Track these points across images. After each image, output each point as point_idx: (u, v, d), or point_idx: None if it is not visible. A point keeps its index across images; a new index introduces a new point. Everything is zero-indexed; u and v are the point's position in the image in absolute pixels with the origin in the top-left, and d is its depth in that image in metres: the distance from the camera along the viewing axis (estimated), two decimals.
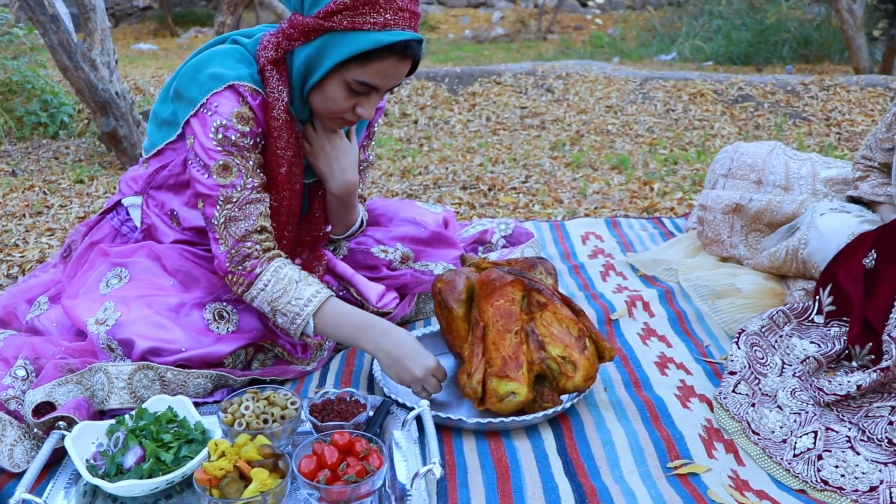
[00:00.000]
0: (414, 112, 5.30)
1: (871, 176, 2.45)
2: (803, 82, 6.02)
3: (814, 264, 2.29)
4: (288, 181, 1.86)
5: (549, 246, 2.90)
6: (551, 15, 14.88)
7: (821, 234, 2.29)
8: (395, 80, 1.76)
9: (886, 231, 2.07)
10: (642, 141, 4.76)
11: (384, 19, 1.65)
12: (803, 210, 2.51)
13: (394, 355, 1.75)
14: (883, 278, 1.97)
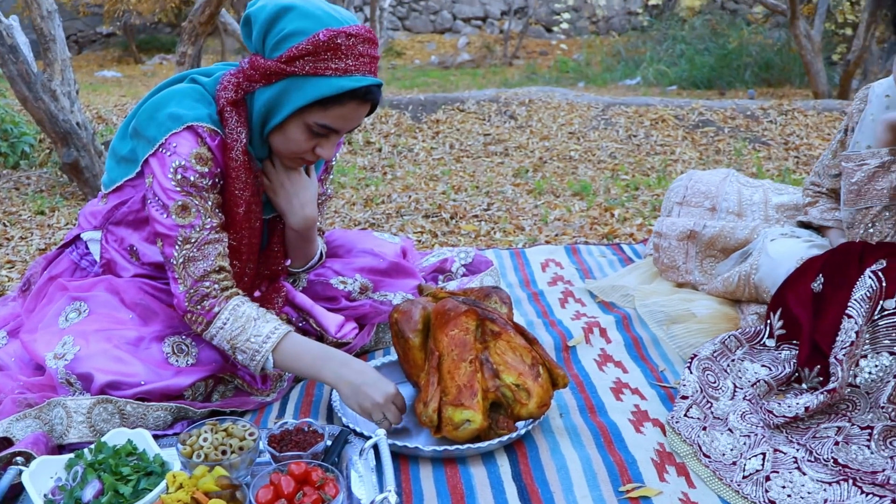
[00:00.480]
0: (378, 140, 5.34)
1: (820, 201, 2.52)
2: (762, 107, 6.14)
3: (765, 289, 2.35)
4: (247, 220, 1.89)
5: (509, 274, 2.94)
6: (517, 40, 15.02)
7: (771, 259, 2.35)
8: (355, 123, 1.81)
9: (833, 256, 2.12)
10: (604, 167, 4.82)
11: (345, 65, 1.70)
12: (755, 236, 2.58)
13: (355, 384, 1.77)
14: (830, 302, 2.02)
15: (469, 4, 16.37)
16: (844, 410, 1.88)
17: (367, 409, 1.78)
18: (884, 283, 1.92)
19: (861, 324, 1.88)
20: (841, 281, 2.03)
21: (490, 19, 16.35)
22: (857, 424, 1.83)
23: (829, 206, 2.49)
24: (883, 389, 1.83)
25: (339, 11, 1.76)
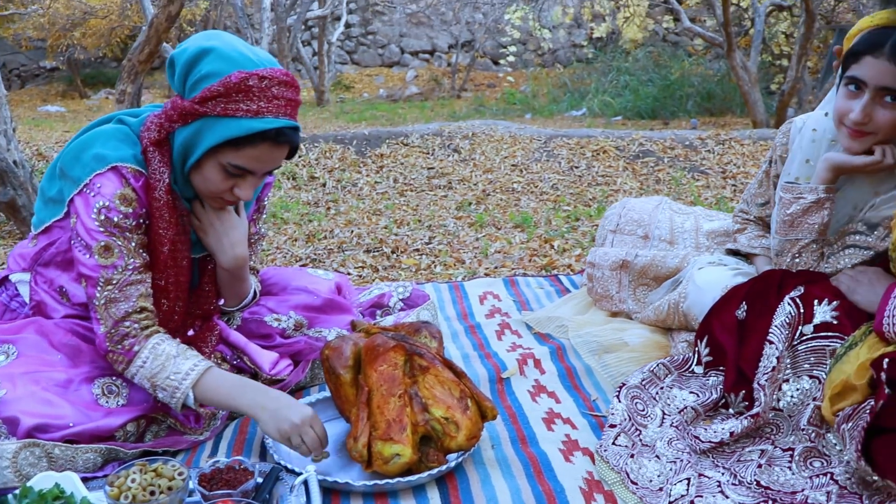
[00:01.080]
0: (322, 175, 5.36)
1: (749, 228, 2.59)
2: (700, 137, 6.28)
3: (693, 317, 2.41)
4: (172, 259, 1.91)
5: (447, 307, 2.96)
6: (464, 73, 15.18)
7: (698, 287, 2.41)
8: (271, 165, 1.84)
9: (755, 284, 2.19)
10: (546, 198, 4.89)
11: (257, 107, 1.73)
12: (686, 264, 2.64)
13: (271, 408, 1.78)
14: (753, 328, 2.08)
15: (417, 38, 16.52)
16: (768, 434, 1.93)
17: (286, 431, 1.76)
18: (801, 310, 1.99)
19: (781, 349, 1.94)
20: (762, 308, 2.09)
21: (438, 52, 16.50)
22: (780, 447, 1.88)
23: (756, 234, 2.56)
24: (803, 412, 1.89)
25: (257, 54, 1.79)
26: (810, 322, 1.96)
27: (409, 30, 16.49)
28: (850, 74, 1.97)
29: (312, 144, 5.87)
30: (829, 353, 1.90)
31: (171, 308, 1.96)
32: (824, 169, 2.10)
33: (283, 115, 1.77)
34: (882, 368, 1.67)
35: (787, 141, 2.38)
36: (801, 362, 1.94)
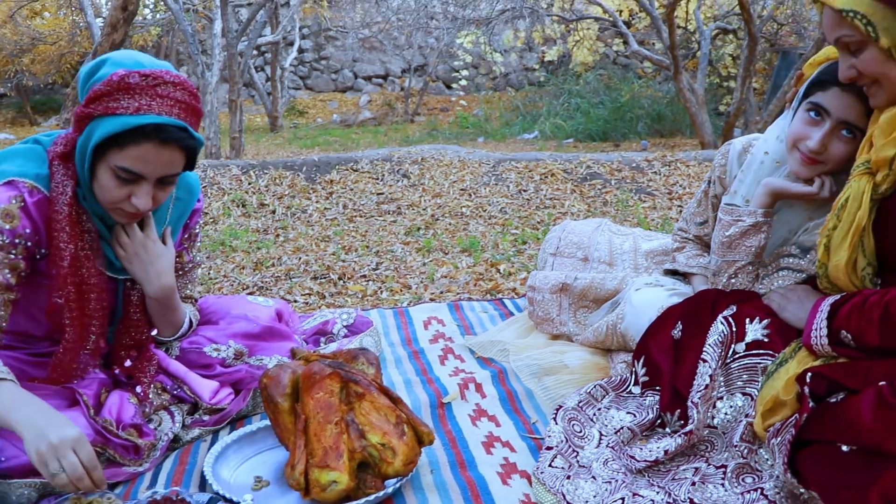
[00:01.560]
0: (272, 202, 5.36)
1: (687, 247, 2.64)
2: (647, 159, 6.38)
3: (631, 337, 2.45)
4: (75, 275, 1.88)
5: (392, 332, 2.98)
6: (417, 97, 15.27)
7: (634, 308, 2.45)
8: (163, 169, 1.82)
9: (690, 303, 2.23)
10: (495, 222, 4.94)
11: (138, 104, 1.73)
12: (625, 285, 2.68)
13: (38, 425, 1.61)
14: (688, 348, 2.12)
15: (370, 63, 16.59)
16: (703, 451, 1.97)
17: (42, 453, 1.58)
18: (734, 328, 2.03)
19: (714, 367, 1.98)
20: (697, 327, 2.13)
21: (391, 77, 16.59)
22: (713, 464, 1.92)
23: (695, 253, 2.61)
24: (736, 428, 1.93)
25: (152, 62, 1.80)
26: (742, 340, 2.00)
27: (362, 55, 16.56)
28: (814, 101, 1.98)
29: (262, 171, 5.88)
30: (761, 370, 1.94)
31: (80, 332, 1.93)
32: (763, 194, 2.14)
33: (168, 113, 1.76)
34: (805, 382, 1.72)
35: (725, 162, 2.43)
36: (734, 380, 1.98)
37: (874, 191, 1.74)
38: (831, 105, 1.94)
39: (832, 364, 1.77)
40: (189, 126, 1.82)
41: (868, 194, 1.75)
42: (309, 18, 15.91)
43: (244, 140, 10.23)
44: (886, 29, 1.64)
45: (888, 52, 1.67)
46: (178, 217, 2.17)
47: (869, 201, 1.75)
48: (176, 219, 2.16)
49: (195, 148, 1.86)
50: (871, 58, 1.71)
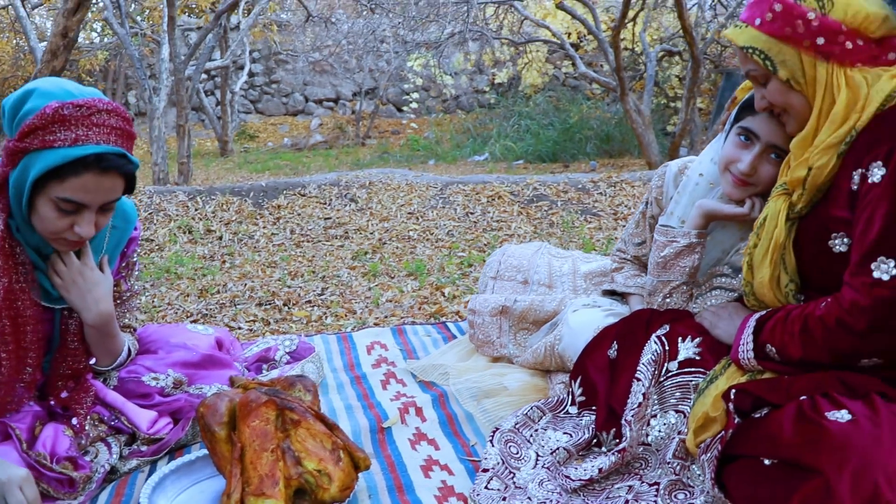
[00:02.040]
0: (218, 228, 5.35)
1: (626, 268, 2.69)
2: (593, 180, 6.47)
3: (568, 358, 2.49)
4: (9, 309, 1.88)
5: (335, 358, 3.00)
6: (368, 121, 15.32)
7: (571, 329, 2.50)
8: (102, 196, 1.83)
9: (625, 323, 2.29)
10: (442, 245, 4.98)
11: (75, 135, 1.74)
12: (563, 307, 2.73)
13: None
14: (623, 367, 2.17)
15: (321, 86, 16.61)
16: (637, 469, 2.02)
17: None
18: (667, 347, 2.08)
19: (647, 386, 2.03)
20: (631, 347, 2.18)
21: (342, 100, 16.62)
22: (647, 481, 1.96)
23: (633, 273, 2.66)
24: (669, 445, 1.98)
25: (81, 90, 1.81)
26: (675, 359, 2.05)
27: (312, 78, 16.58)
28: (744, 125, 2.06)
29: (209, 197, 5.86)
30: (693, 387, 1.99)
31: (17, 362, 1.93)
32: (697, 215, 2.21)
33: (105, 142, 1.77)
34: (730, 399, 1.78)
35: (661, 184, 2.50)
36: (667, 398, 2.03)
37: (791, 210, 1.82)
38: (760, 129, 2.02)
39: (756, 380, 1.83)
40: (126, 151, 1.84)
41: (784, 213, 1.83)
42: (259, 42, 15.90)
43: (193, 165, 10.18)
44: (783, 62, 1.77)
45: (788, 84, 1.78)
46: (115, 245, 2.17)
47: (786, 220, 1.83)
48: (113, 247, 2.16)
49: (134, 173, 1.88)
50: (775, 89, 1.83)
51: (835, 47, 1.72)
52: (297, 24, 14.72)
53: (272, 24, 14.86)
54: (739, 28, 1.85)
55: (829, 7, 1.72)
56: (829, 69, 1.73)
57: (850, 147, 1.73)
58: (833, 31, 1.72)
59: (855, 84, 1.72)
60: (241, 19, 13.00)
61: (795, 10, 1.74)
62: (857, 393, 1.69)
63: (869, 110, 1.70)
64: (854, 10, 1.72)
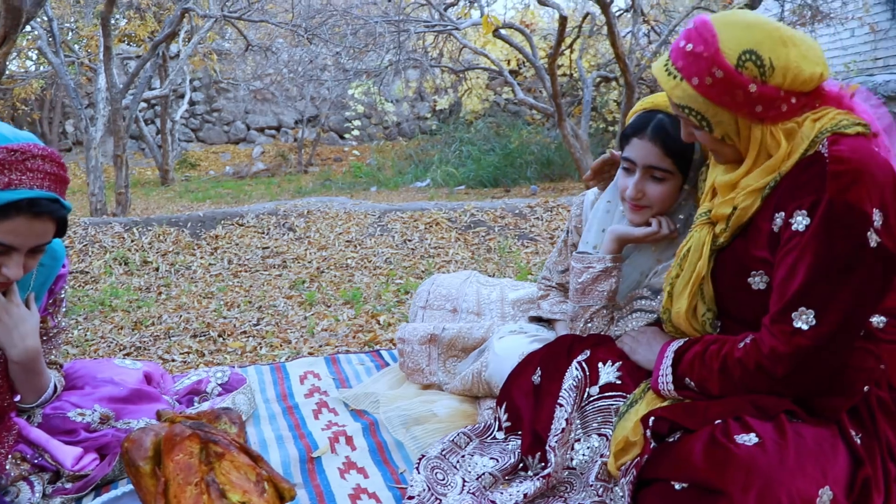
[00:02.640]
0: (155, 259, 5.32)
1: (551, 294, 2.76)
2: (529, 205, 6.56)
3: (495, 384, 2.54)
4: None
5: (268, 389, 3.01)
6: (310, 148, 15.32)
7: (497, 356, 2.56)
8: (33, 239, 1.83)
9: (549, 349, 2.34)
10: (380, 272, 5.01)
11: (8, 179, 1.75)
12: (491, 333, 2.79)
13: None
14: (547, 392, 2.22)
15: (262, 114, 16.58)
16: (562, 492, 2.06)
17: None
18: (588, 372, 2.14)
19: (570, 411, 2.09)
20: (554, 372, 2.24)
21: (284, 128, 16.61)
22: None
23: (558, 300, 2.73)
24: (592, 468, 2.03)
25: (15, 133, 1.82)
26: (596, 383, 2.11)
27: (254, 106, 16.54)
28: (623, 155, 2.18)
29: (146, 228, 5.83)
30: (615, 411, 2.05)
31: None
32: (610, 240, 2.29)
33: (39, 187, 1.78)
34: (648, 425, 1.84)
35: (580, 212, 2.58)
36: (590, 422, 2.08)
37: (713, 242, 1.89)
38: (634, 155, 2.13)
39: (674, 406, 1.89)
40: (59, 196, 1.85)
41: (708, 245, 1.89)
42: (199, 71, 15.84)
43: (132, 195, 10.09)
44: (719, 123, 1.80)
45: (721, 140, 1.83)
46: (43, 282, 2.17)
47: (709, 252, 1.89)
48: (40, 284, 2.16)
49: (66, 217, 1.89)
50: (707, 139, 1.88)
51: (771, 112, 1.74)
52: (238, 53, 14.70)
53: (212, 53, 14.81)
54: (675, 78, 1.81)
55: (770, 74, 1.72)
56: (763, 129, 1.76)
57: (773, 189, 1.77)
58: (771, 98, 1.73)
59: (789, 134, 1.76)
60: (181, 48, 12.95)
61: (736, 80, 1.72)
62: (768, 415, 1.75)
63: (795, 156, 1.73)
64: (793, 74, 1.72)
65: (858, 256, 1.64)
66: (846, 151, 1.66)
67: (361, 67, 11.08)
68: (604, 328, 2.33)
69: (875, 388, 1.76)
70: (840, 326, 1.66)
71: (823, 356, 1.69)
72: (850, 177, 1.63)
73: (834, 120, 1.73)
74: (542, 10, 13.81)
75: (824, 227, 1.65)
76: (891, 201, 1.65)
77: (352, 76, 11.13)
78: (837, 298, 1.65)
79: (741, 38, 1.73)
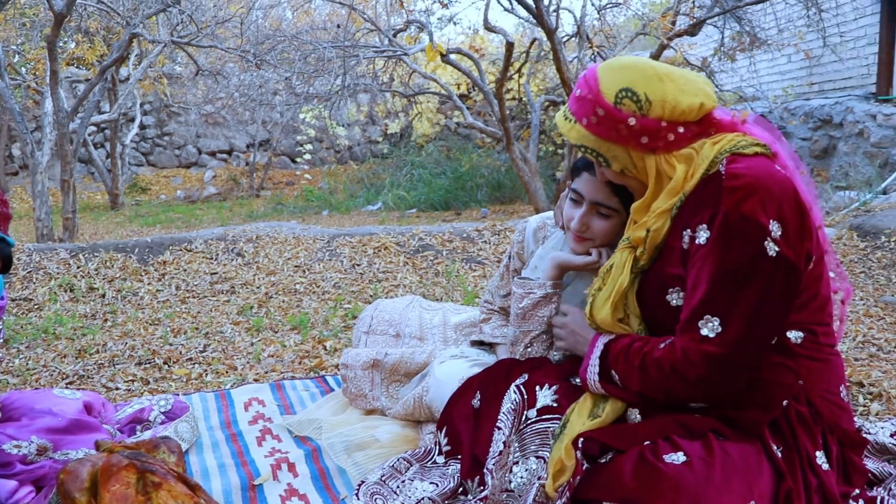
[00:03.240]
0: (101, 286, 5.27)
1: (493, 318, 2.81)
2: (477, 229, 6.61)
3: (436, 408, 2.58)
4: None
5: (212, 416, 3.01)
6: (262, 172, 15.27)
7: (438, 380, 2.59)
8: None
9: (488, 373, 2.38)
10: (328, 297, 5.02)
11: None
12: (433, 358, 2.82)
13: None
14: (486, 416, 2.26)
15: (214, 138, 16.51)
16: None
17: None
18: (525, 395, 2.18)
19: (508, 434, 2.12)
20: (493, 396, 2.28)
21: (236, 152, 16.54)
22: None
23: (500, 324, 2.78)
24: (530, 491, 2.06)
25: None
26: (534, 406, 2.15)
27: (205, 130, 16.46)
28: (572, 187, 2.23)
29: (92, 254, 5.77)
30: (552, 433, 2.09)
31: None
32: (550, 267, 2.34)
33: None
34: (578, 447, 1.89)
35: (522, 239, 2.63)
36: (528, 444, 2.12)
37: (635, 264, 1.97)
38: (584, 189, 2.18)
39: (604, 428, 1.94)
40: (3, 234, 1.86)
41: (629, 264, 1.98)
42: (150, 95, 15.73)
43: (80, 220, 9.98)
44: (614, 157, 1.94)
45: (622, 173, 1.93)
46: None
47: (630, 271, 1.97)
48: None
49: (10, 254, 1.90)
50: (610, 174, 1.99)
51: (659, 142, 1.88)
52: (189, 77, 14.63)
53: (162, 77, 14.73)
54: (570, 122, 1.97)
55: (648, 107, 1.86)
56: (657, 159, 1.89)
57: (680, 209, 1.88)
58: (654, 130, 1.87)
59: (686, 158, 1.87)
60: (131, 72, 12.86)
61: (616, 116, 1.87)
62: (696, 434, 1.82)
63: (696, 177, 1.85)
64: (671, 106, 1.86)
65: (756, 265, 1.74)
66: (742, 168, 1.77)
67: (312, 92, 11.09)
68: (543, 352, 2.38)
69: (794, 403, 1.84)
70: (745, 332, 1.75)
71: (733, 362, 1.77)
72: (745, 191, 1.74)
73: (732, 142, 1.85)
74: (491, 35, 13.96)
75: (722, 238, 1.76)
76: (790, 214, 1.76)
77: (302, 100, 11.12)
78: (740, 305, 1.74)
79: (617, 79, 1.88)
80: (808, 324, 1.87)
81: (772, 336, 1.81)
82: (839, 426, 1.88)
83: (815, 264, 1.86)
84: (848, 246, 6.01)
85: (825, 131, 10.21)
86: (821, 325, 1.89)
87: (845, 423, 1.90)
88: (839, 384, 1.93)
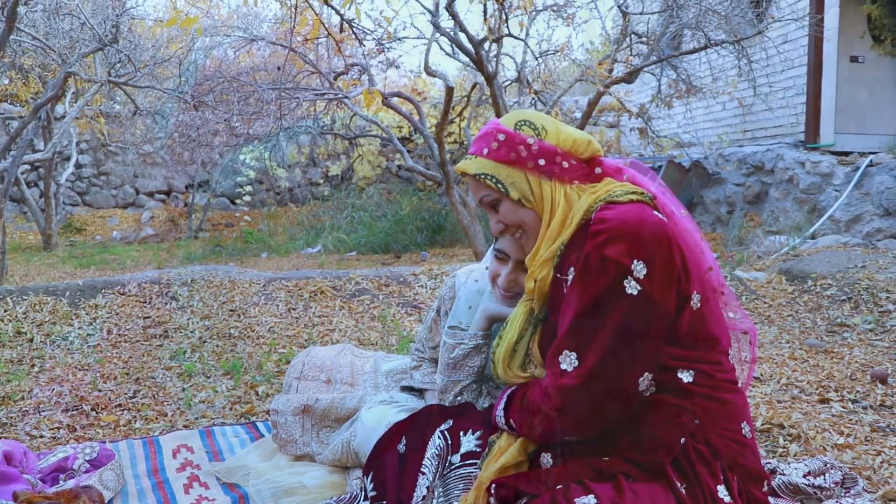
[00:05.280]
0: (30, 330, 5.18)
1: (424, 365, 2.84)
2: (414, 273, 6.66)
3: (363, 454, 2.60)
4: None
5: (139, 463, 2.98)
6: (201, 213, 15.15)
7: (365, 426, 2.62)
8: None
9: (414, 419, 2.42)
10: (263, 342, 5.00)
11: None
12: (363, 403, 2.85)
13: None
14: (412, 461, 2.30)
15: (152, 178, 16.35)
16: None
17: None
18: (449, 441, 2.22)
19: (432, 479, 2.16)
20: (418, 442, 2.32)
21: (174, 193, 16.40)
22: None
23: (430, 371, 2.81)
24: None
25: None
26: (458, 452, 2.20)
27: (144, 170, 16.29)
28: (497, 246, 2.29)
29: (21, 297, 5.67)
30: (475, 478, 2.13)
31: None
32: (481, 318, 2.40)
33: None
34: (490, 493, 1.94)
35: (453, 294, 2.69)
36: (451, 489, 2.15)
37: (532, 315, 2.06)
38: (509, 249, 2.24)
39: (516, 474, 2.00)
40: None
41: (523, 318, 2.09)
42: (87, 133, 15.55)
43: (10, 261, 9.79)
44: (513, 184, 2.04)
45: (519, 202, 2.02)
46: None
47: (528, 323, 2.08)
48: None
49: None
50: (507, 210, 2.08)
51: (555, 167, 2.02)
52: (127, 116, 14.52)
53: (99, 115, 14.59)
54: (470, 160, 2.09)
55: (544, 134, 2.04)
56: (552, 186, 2.02)
57: (560, 258, 1.99)
58: (551, 153, 2.02)
59: (570, 201, 2.00)
60: (67, 109, 12.72)
61: (517, 138, 2.02)
62: (606, 476, 1.88)
63: (573, 225, 1.96)
64: (563, 137, 2.04)
65: (612, 302, 1.82)
66: (611, 214, 1.87)
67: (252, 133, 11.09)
68: (473, 401, 2.42)
69: (692, 441, 1.90)
70: (599, 366, 1.83)
71: (587, 393, 1.84)
72: (608, 234, 1.84)
73: (608, 192, 1.97)
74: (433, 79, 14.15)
75: (581, 277, 1.86)
76: (659, 255, 1.84)
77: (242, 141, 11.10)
78: (596, 340, 1.83)
79: (516, 116, 2.07)
80: (699, 362, 1.94)
81: (635, 371, 1.86)
82: (738, 462, 1.95)
83: (702, 304, 1.94)
84: (777, 290, 6.19)
85: (758, 177, 10.51)
86: (712, 364, 1.96)
87: (747, 459, 1.97)
88: (740, 421, 1.99)
